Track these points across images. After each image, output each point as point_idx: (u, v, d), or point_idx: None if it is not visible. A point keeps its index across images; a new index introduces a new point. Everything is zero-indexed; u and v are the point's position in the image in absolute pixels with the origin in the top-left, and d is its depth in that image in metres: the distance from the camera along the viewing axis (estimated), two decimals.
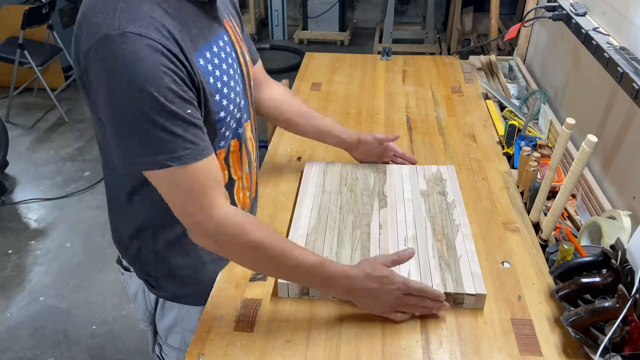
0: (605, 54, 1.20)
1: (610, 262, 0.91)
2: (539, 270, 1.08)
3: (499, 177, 1.37)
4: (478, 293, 0.98)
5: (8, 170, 3.19)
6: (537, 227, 1.21)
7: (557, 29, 1.71)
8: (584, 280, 0.94)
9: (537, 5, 1.84)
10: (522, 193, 1.30)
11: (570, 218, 1.25)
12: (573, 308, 0.92)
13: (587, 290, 0.94)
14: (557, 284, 0.99)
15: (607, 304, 0.86)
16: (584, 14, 1.45)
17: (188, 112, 0.81)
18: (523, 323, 0.96)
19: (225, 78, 0.93)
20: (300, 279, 0.97)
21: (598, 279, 0.93)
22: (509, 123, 1.49)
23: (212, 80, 0.89)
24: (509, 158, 1.45)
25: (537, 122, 1.62)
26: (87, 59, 0.78)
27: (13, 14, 3.65)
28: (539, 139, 1.44)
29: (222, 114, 0.93)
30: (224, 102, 0.93)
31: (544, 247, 1.14)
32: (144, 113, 0.77)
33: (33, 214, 2.91)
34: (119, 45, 0.75)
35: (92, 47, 0.77)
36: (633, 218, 1.07)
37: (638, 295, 0.81)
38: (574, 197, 1.33)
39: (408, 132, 1.58)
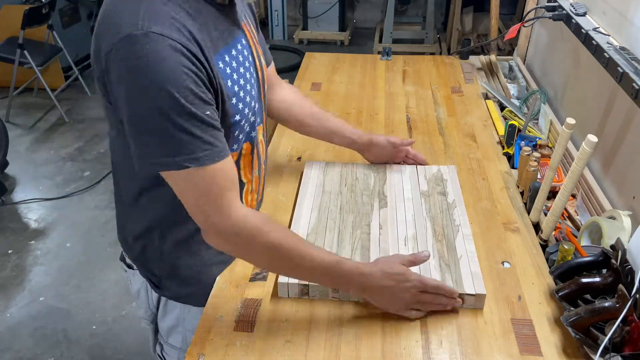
0: (605, 54, 1.21)
1: (610, 262, 0.91)
2: (539, 270, 1.08)
3: (499, 177, 1.37)
4: (478, 293, 0.97)
5: (8, 170, 3.19)
6: (537, 227, 1.21)
7: (557, 29, 1.71)
8: (584, 280, 0.94)
9: (537, 5, 1.84)
10: (522, 193, 1.30)
11: (570, 218, 1.25)
12: (573, 308, 0.92)
13: (587, 290, 0.94)
14: (557, 284, 0.99)
15: (607, 304, 0.86)
16: (584, 14, 1.45)
17: (207, 113, 0.81)
18: (523, 323, 0.96)
19: (242, 81, 0.93)
20: (317, 279, 0.97)
21: (598, 279, 0.93)
22: (509, 123, 1.49)
23: (229, 84, 0.89)
24: (509, 158, 1.45)
25: (537, 122, 1.62)
26: (108, 59, 0.78)
27: (13, 14, 3.66)
28: (539, 139, 1.44)
29: (237, 117, 0.93)
30: (240, 105, 0.93)
31: (544, 247, 1.14)
32: (164, 113, 0.77)
33: (33, 214, 2.91)
34: (142, 45, 0.75)
35: (113, 46, 0.77)
36: (633, 218, 1.07)
37: (638, 295, 0.81)
38: (574, 197, 1.33)
39: (408, 132, 1.58)
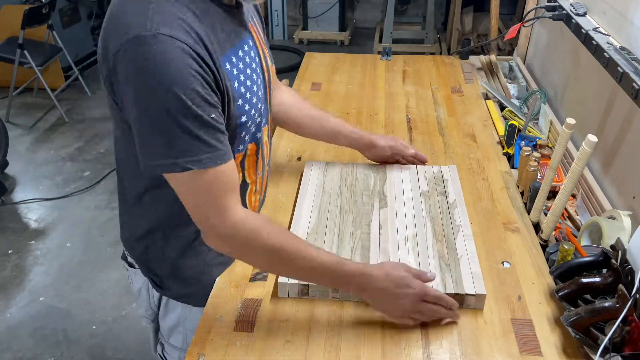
0: (605, 54, 1.20)
1: (610, 262, 0.91)
2: (539, 270, 1.08)
3: (499, 177, 1.37)
4: (478, 293, 0.97)
5: (8, 170, 3.19)
6: (537, 227, 1.21)
7: (557, 29, 1.71)
8: (584, 280, 0.94)
9: (537, 5, 1.84)
10: (522, 193, 1.30)
11: (570, 218, 1.25)
12: (573, 308, 0.92)
13: (587, 290, 0.94)
14: (557, 284, 0.99)
15: (607, 304, 0.86)
16: (584, 14, 1.45)
17: (212, 116, 0.82)
18: (523, 323, 0.96)
19: (249, 83, 0.93)
20: (317, 279, 0.97)
21: (598, 279, 0.93)
22: (509, 123, 1.49)
23: (236, 85, 0.89)
24: (509, 158, 1.45)
25: (537, 122, 1.62)
26: (116, 59, 0.78)
27: (13, 14, 3.66)
28: (539, 139, 1.44)
29: (243, 118, 0.93)
30: (246, 106, 0.93)
31: (544, 247, 1.14)
32: (171, 114, 0.78)
33: (33, 214, 2.91)
34: (151, 46, 0.75)
35: (121, 47, 0.77)
36: (633, 218, 1.07)
37: (638, 295, 0.81)
38: (574, 197, 1.33)
39: (408, 132, 1.58)
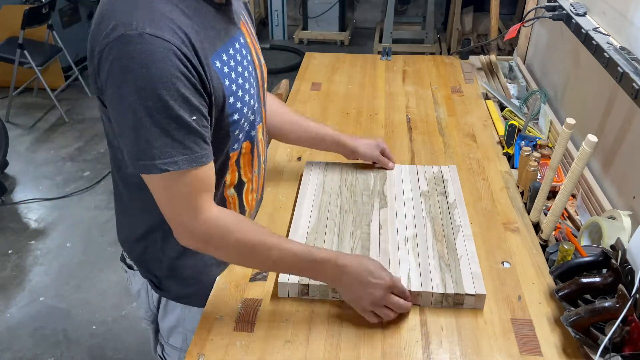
0: (605, 54, 1.20)
1: (610, 262, 0.91)
2: (539, 270, 1.08)
3: (499, 177, 1.37)
4: (478, 293, 0.97)
5: (8, 170, 3.19)
6: (537, 227, 1.21)
7: (557, 29, 1.71)
8: (584, 280, 0.94)
9: (537, 5, 1.84)
10: (522, 193, 1.30)
11: (570, 218, 1.25)
12: (573, 308, 0.92)
13: (587, 290, 0.94)
14: (557, 284, 0.99)
15: (607, 304, 0.86)
16: (584, 14, 1.45)
17: (193, 118, 0.81)
18: (523, 323, 0.96)
19: (241, 81, 0.93)
20: (290, 269, 0.97)
21: (598, 279, 0.93)
22: (509, 123, 1.49)
23: (227, 83, 0.89)
24: (509, 158, 1.45)
25: (537, 122, 1.62)
26: (101, 57, 0.78)
27: (13, 14, 3.66)
28: (539, 139, 1.44)
29: (235, 117, 0.93)
30: (238, 104, 0.93)
31: (544, 247, 1.14)
32: (151, 115, 0.77)
33: (33, 214, 2.91)
34: (135, 46, 0.75)
35: (107, 45, 0.76)
36: (633, 218, 1.07)
37: (638, 295, 0.81)
38: (574, 197, 1.33)
39: (408, 132, 1.58)
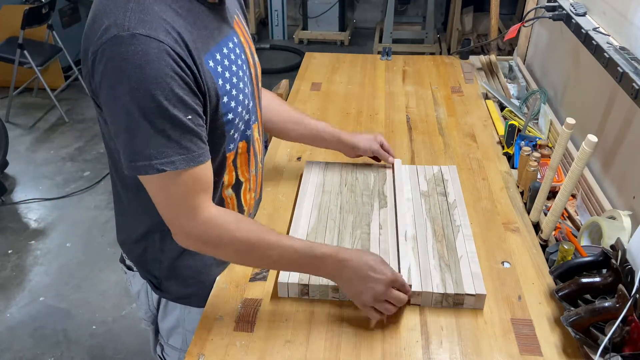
0: (605, 54, 1.20)
1: (610, 262, 0.91)
2: (539, 270, 1.08)
3: (499, 177, 1.37)
4: (478, 293, 0.98)
5: (8, 170, 3.19)
6: (537, 227, 1.21)
7: (557, 29, 1.71)
8: (584, 280, 0.94)
9: (537, 5, 1.84)
10: (522, 193, 1.30)
11: (570, 218, 1.25)
12: (573, 308, 0.92)
13: (587, 290, 0.94)
14: (557, 284, 0.99)
15: (607, 304, 0.86)
16: (584, 14, 1.45)
17: (189, 117, 0.81)
18: (523, 323, 0.96)
19: (235, 80, 0.93)
20: (291, 266, 0.96)
21: (598, 279, 0.93)
22: (509, 123, 1.49)
23: (221, 82, 0.89)
24: (509, 158, 1.45)
25: (537, 122, 1.62)
26: (94, 58, 0.78)
27: (13, 14, 3.65)
28: (539, 139, 1.44)
29: (230, 116, 0.93)
30: (232, 104, 0.93)
31: (544, 247, 1.14)
32: (146, 115, 0.77)
33: (33, 214, 2.91)
34: (128, 47, 0.75)
35: (100, 46, 0.76)
36: (633, 218, 1.07)
37: (638, 295, 0.81)
38: (574, 197, 1.33)
39: (408, 132, 1.58)
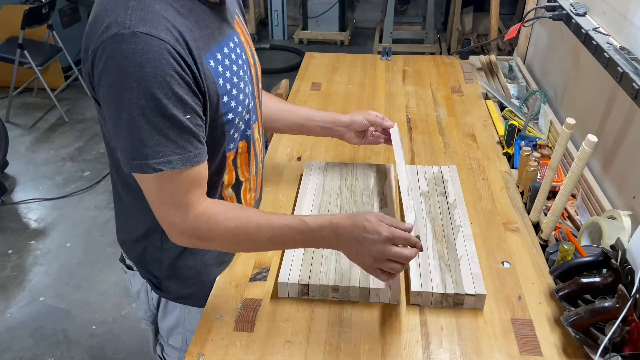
0: (605, 54, 1.20)
1: (610, 262, 0.91)
2: (539, 270, 1.08)
3: (499, 177, 1.37)
4: (478, 293, 0.98)
5: (8, 170, 3.19)
6: (537, 227, 1.21)
7: (557, 29, 1.71)
8: (584, 280, 0.94)
9: (537, 5, 1.84)
10: (522, 193, 1.30)
11: (570, 218, 1.25)
12: (573, 308, 0.92)
13: (587, 290, 0.94)
14: (557, 284, 0.99)
15: (607, 304, 0.86)
16: (584, 14, 1.45)
17: (187, 117, 0.81)
18: (523, 323, 0.96)
19: (235, 80, 0.93)
20: (287, 244, 0.95)
21: (598, 279, 0.93)
22: (509, 123, 1.49)
23: (221, 82, 0.89)
24: (509, 158, 1.45)
25: (537, 122, 1.62)
26: (95, 56, 0.78)
27: (13, 14, 3.65)
28: (539, 139, 1.44)
29: (230, 116, 0.93)
30: (232, 103, 0.93)
31: (544, 247, 1.14)
32: (144, 113, 0.77)
33: (33, 214, 2.91)
34: (128, 45, 0.75)
35: (101, 44, 0.77)
36: (633, 218, 1.07)
37: (638, 295, 0.81)
38: (574, 197, 1.33)
39: (408, 132, 1.58)
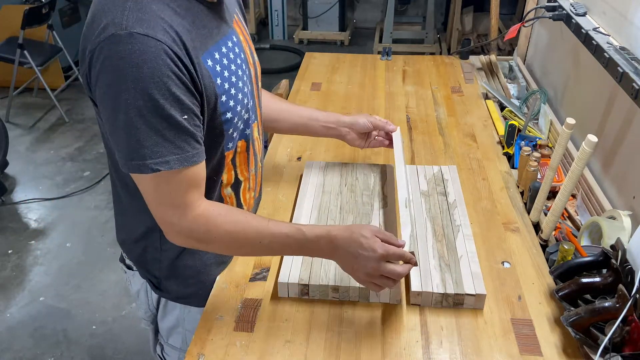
0: (605, 54, 1.20)
1: (610, 262, 0.91)
2: (539, 270, 1.08)
3: (499, 177, 1.37)
4: (478, 293, 0.98)
5: (8, 170, 3.19)
6: (537, 227, 1.21)
7: (557, 29, 1.71)
8: (584, 280, 0.94)
9: (537, 5, 1.84)
10: (522, 193, 1.30)
11: (570, 218, 1.25)
12: (573, 308, 0.92)
13: (587, 290, 0.94)
14: (557, 284, 0.99)
15: (607, 304, 0.86)
16: (584, 14, 1.45)
17: (185, 117, 0.81)
18: (523, 323, 0.96)
19: (234, 79, 0.93)
20: (284, 251, 0.96)
21: (598, 279, 0.93)
22: (509, 123, 1.49)
23: (219, 81, 0.89)
24: (509, 158, 1.45)
25: (537, 122, 1.62)
26: (92, 57, 0.78)
27: (13, 14, 3.65)
28: (539, 139, 1.44)
29: (228, 115, 0.93)
30: (231, 103, 0.93)
31: (544, 247, 1.14)
32: (142, 114, 0.77)
33: (33, 214, 2.91)
34: (125, 45, 0.75)
35: (98, 45, 0.77)
36: (633, 218, 1.07)
37: (638, 295, 0.81)
38: (574, 197, 1.33)
39: (408, 132, 1.58)
